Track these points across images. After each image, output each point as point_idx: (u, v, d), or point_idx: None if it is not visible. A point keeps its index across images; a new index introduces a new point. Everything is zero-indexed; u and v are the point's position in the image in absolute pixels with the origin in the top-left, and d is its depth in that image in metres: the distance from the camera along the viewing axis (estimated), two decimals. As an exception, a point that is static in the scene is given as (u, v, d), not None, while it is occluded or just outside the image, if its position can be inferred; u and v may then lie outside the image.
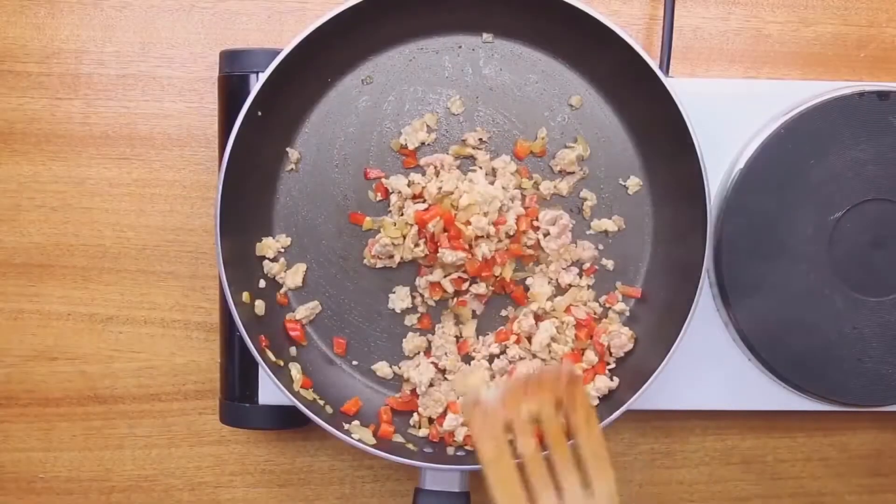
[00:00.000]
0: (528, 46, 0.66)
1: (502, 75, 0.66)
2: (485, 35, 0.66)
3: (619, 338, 0.64)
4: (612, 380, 0.64)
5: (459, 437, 0.65)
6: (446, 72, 0.66)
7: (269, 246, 0.66)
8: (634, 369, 0.63)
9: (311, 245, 0.67)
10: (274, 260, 0.66)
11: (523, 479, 0.50)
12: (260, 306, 0.65)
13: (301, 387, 0.64)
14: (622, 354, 0.65)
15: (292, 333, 0.66)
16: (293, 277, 0.66)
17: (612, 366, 0.65)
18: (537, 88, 0.66)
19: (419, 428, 0.66)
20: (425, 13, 0.64)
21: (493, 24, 0.65)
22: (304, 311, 0.66)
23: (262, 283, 0.66)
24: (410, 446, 0.64)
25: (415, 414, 0.66)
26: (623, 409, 0.60)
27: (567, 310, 0.66)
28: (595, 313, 0.66)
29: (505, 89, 0.66)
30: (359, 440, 0.62)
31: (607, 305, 0.66)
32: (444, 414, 0.65)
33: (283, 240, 0.66)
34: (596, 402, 0.64)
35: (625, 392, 0.62)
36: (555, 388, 0.51)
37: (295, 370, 0.64)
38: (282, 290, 0.66)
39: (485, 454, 0.50)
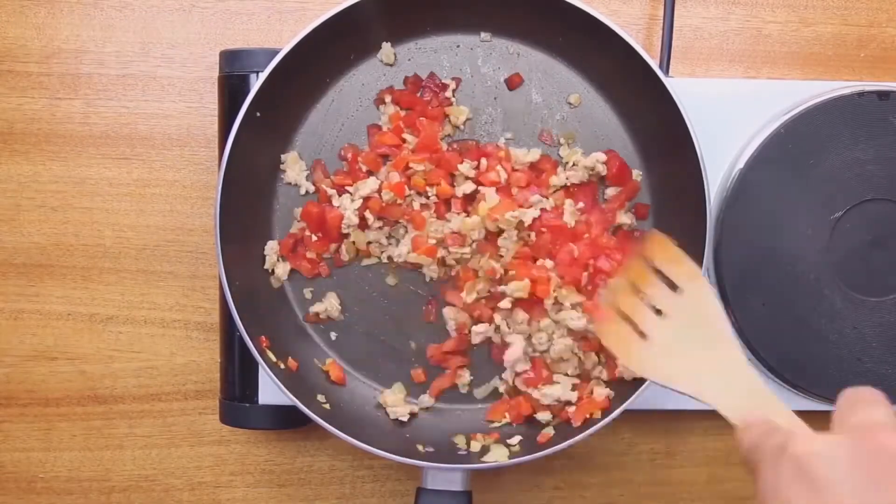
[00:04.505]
0: (526, 45, 0.66)
1: (500, 74, 0.66)
2: (483, 34, 0.66)
3: None
4: (605, 387, 0.64)
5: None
6: (444, 71, 0.66)
7: (272, 249, 0.65)
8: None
9: (311, 245, 0.67)
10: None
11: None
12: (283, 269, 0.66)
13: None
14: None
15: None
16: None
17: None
18: (536, 87, 0.66)
19: (419, 427, 0.66)
20: (423, 12, 0.64)
21: (491, 23, 0.65)
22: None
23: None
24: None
25: (415, 413, 0.66)
26: (622, 408, 0.60)
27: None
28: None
29: (503, 88, 0.66)
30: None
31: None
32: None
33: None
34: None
35: (624, 392, 0.62)
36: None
37: None
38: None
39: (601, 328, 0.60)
